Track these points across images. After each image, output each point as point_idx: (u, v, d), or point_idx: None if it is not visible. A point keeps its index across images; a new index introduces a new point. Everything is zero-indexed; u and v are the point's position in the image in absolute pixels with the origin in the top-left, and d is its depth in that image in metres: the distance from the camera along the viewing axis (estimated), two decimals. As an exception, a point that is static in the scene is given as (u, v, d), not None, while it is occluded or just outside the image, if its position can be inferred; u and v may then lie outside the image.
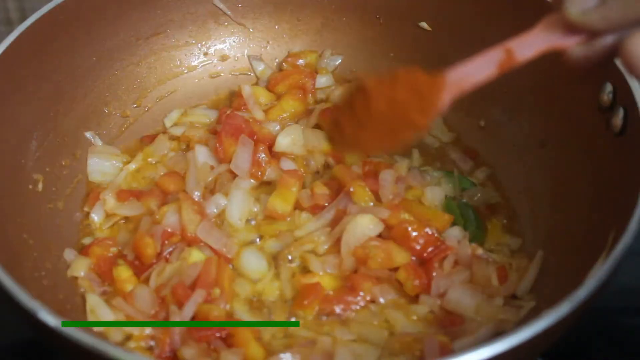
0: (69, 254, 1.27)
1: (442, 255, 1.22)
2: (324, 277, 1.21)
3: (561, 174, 1.30)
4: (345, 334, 1.14)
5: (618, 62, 1.16)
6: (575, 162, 1.26)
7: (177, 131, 1.49)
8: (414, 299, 1.20)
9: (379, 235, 1.24)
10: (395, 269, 1.21)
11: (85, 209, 1.36)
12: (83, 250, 1.29)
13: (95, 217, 1.35)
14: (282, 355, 1.09)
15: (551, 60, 1.34)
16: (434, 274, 1.20)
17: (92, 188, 1.40)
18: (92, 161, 1.42)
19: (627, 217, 0.98)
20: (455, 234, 1.26)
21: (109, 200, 1.35)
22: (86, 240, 1.32)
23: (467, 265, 1.22)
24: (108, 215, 1.35)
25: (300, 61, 1.61)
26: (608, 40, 0.91)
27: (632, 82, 1.12)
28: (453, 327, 1.14)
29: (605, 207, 1.13)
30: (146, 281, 1.22)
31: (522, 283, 1.20)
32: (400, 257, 1.21)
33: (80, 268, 1.25)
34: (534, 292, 1.19)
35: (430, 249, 1.22)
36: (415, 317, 1.17)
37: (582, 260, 1.05)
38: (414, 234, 1.22)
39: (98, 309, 1.19)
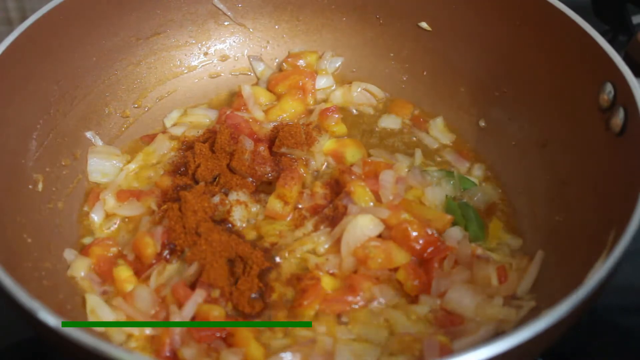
0: (69, 254, 1.27)
1: (442, 256, 1.22)
2: (324, 277, 1.21)
3: (561, 174, 1.30)
4: (345, 333, 1.14)
5: (618, 62, 1.16)
6: (575, 162, 1.26)
7: (177, 131, 1.49)
8: (414, 299, 1.20)
9: (379, 235, 1.24)
10: (395, 269, 1.21)
11: (85, 208, 1.36)
12: (83, 250, 1.29)
13: (95, 217, 1.35)
14: (282, 355, 1.09)
15: (551, 60, 1.34)
16: (434, 274, 1.20)
17: (92, 188, 1.40)
18: (92, 161, 1.42)
19: (627, 217, 0.98)
20: (455, 234, 1.26)
21: (109, 200, 1.35)
22: (86, 240, 1.32)
23: (467, 265, 1.22)
24: (108, 216, 1.35)
25: (301, 62, 1.61)
26: None
27: (632, 82, 1.12)
28: (453, 327, 1.14)
29: (605, 207, 1.13)
30: (146, 281, 1.22)
31: (522, 283, 1.20)
32: (400, 257, 1.21)
33: (80, 268, 1.25)
34: (534, 292, 1.19)
35: (430, 249, 1.22)
36: (415, 317, 1.17)
37: (582, 260, 1.05)
38: (414, 234, 1.22)
39: (98, 309, 1.19)
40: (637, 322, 1.32)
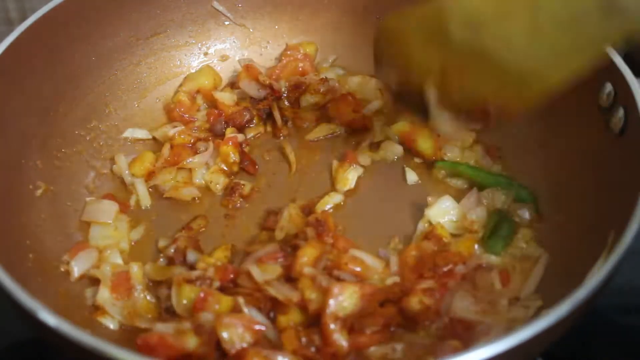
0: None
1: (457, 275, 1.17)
2: None
3: (561, 174, 1.30)
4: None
5: (618, 62, 1.16)
6: (575, 162, 1.26)
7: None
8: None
9: None
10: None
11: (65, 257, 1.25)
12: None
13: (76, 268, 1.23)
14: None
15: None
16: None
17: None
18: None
19: (627, 217, 0.98)
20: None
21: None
22: None
23: (471, 275, 1.18)
24: None
25: (299, 53, 1.59)
26: None
27: (632, 82, 1.12)
28: (465, 334, 1.08)
29: (605, 207, 1.13)
30: None
31: (526, 286, 1.18)
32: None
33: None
34: (534, 292, 1.19)
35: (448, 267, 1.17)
36: (423, 334, 1.11)
37: (582, 260, 1.05)
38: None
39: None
40: (637, 322, 1.32)
